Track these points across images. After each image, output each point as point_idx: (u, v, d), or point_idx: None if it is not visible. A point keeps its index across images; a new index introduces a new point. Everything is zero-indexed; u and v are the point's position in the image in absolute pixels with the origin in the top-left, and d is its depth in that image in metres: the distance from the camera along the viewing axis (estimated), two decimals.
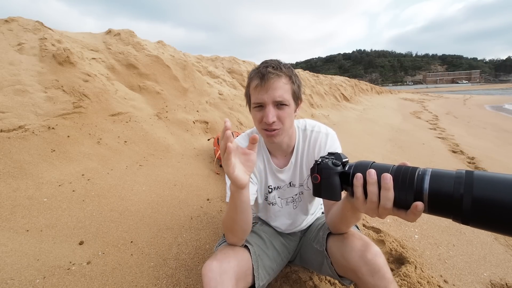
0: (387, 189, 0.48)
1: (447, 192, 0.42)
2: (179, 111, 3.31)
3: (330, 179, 0.58)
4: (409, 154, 3.82)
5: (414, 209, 0.45)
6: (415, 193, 0.45)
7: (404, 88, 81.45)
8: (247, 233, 0.84)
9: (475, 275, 1.37)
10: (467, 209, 0.39)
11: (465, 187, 0.39)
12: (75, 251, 1.27)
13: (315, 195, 0.62)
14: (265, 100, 0.80)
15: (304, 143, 0.95)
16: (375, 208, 0.51)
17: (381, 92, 22.69)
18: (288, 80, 0.82)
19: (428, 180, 0.44)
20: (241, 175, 0.64)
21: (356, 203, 0.55)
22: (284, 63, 0.84)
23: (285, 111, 0.81)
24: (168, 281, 1.18)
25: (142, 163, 2.26)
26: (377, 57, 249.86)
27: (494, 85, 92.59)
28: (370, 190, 0.51)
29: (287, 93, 0.81)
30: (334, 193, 0.58)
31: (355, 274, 0.77)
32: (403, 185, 0.47)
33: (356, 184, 0.53)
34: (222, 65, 6.01)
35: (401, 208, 0.48)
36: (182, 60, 4.04)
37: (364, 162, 0.55)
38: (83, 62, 2.81)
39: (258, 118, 0.83)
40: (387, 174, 0.48)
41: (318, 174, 0.60)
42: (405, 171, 0.47)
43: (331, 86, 10.58)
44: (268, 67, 0.80)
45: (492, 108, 12.74)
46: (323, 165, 0.59)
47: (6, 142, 1.81)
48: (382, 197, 0.49)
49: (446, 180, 0.42)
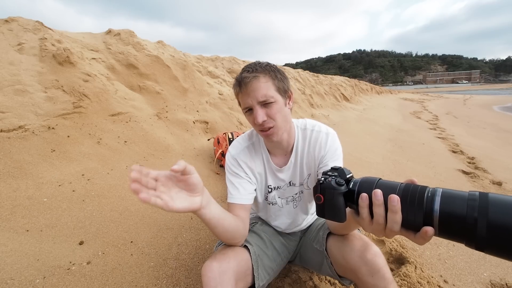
0: (394, 212, 0.45)
1: (459, 215, 0.39)
2: (179, 111, 3.31)
3: (334, 199, 0.54)
4: (409, 154, 3.82)
5: (424, 234, 0.42)
6: (425, 214, 0.42)
7: (404, 88, 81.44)
8: (238, 238, 0.82)
9: (475, 275, 1.37)
10: (482, 234, 0.36)
11: (479, 210, 0.37)
12: (75, 251, 1.28)
13: (318, 215, 0.59)
14: (250, 104, 0.80)
15: (304, 142, 0.95)
16: (381, 229, 0.49)
17: (381, 92, 22.69)
18: (268, 77, 0.81)
19: (438, 201, 0.41)
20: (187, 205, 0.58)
21: (361, 223, 0.53)
22: (262, 63, 0.84)
23: (273, 107, 0.81)
24: (168, 281, 1.18)
25: (142, 163, 2.26)
26: (377, 57, 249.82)
27: (494, 85, 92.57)
28: (377, 212, 0.48)
29: (269, 90, 0.80)
30: (338, 215, 0.55)
31: (355, 274, 0.77)
32: (412, 206, 0.44)
33: (361, 205, 0.51)
34: (222, 65, 6.01)
35: (409, 229, 0.46)
36: (182, 60, 4.04)
37: (369, 180, 0.52)
38: (83, 62, 2.81)
39: (251, 121, 0.84)
40: (394, 196, 0.45)
41: (321, 195, 0.56)
42: (414, 191, 0.45)
43: (331, 86, 10.57)
44: (243, 73, 0.81)
45: (501, 108, 12.41)
46: (326, 185, 0.55)
47: (6, 142, 1.81)
48: (389, 220, 0.47)
49: (458, 202, 0.39)
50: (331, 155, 0.90)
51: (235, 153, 0.95)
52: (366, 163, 3.17)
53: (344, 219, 0.55)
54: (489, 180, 2.77)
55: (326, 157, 0.90)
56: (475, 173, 2.98)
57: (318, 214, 0.59)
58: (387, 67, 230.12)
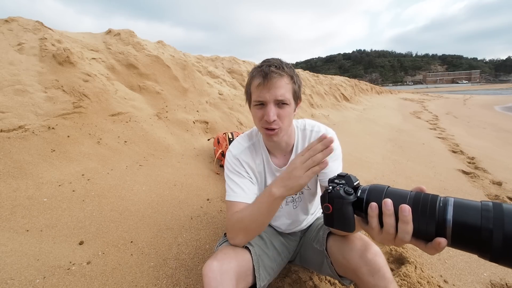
0: (405, 222, 0.45)
1: (474, 226, 0.38)
2: (179, 111, 3.31)
3: (343, 209, 0.53)
4: (409, 154, 3.82)
5: (436, 245, 0.42)
6: (437, 224, 0.42)
7: (404, 88, 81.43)
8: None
9: (475, 275, 1.37)
10: (498, 246, 0.36)
11: (494, 221, 0.36)
12: (75, 251, 1.27)
13: (326, 225, 0.58)
14: (267, 99, 0.80)
15: (303, 142, 0.95)
16: (391, 239, 0.48)
17: (381, 92, 22.69)
18: (290, 80, 0.82)
19: (451, 211, 0.41)
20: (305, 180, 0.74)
21: (370, 233, 0.52)
22: (286, 63, 0.85)
23: (286, 110, 0.82)
24: (168, 281, 1.18)
25: (142, 163, 2.26)
26: (377, 57, 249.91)
27: (494, 85, 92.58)
28: (387, 222, 0.47)
29: (288, 93, 0.81)
30: (347, 224, 0.54)
31: (355, 274, 0.77)
32: (424, 215, 0.43)
33: (371, 215, 0.50)
34: (222, 65, 6.01)
35: (420, 239, 0.45)
36: (182, 60, 4.04)
37: (378, 188, 0.51)
38: (83, 62, 2.81)
39: (259, 116, 0.83)
40: (405, 206, 0.44)
41: (329, 204, 0.55)
42: (425, 200, 0.44)
43: (331, 86, 10.57)
44: (271, 66, 0.80)
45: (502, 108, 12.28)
46: (334, 194, 0.54)
47: (6, 142, 1.81)
48: (399, 230, 0.46)
49: (471, 213, 0.39)
50: (330, 156, 0.90)
51: (237, 153, 0.95)
52: (366, 163, 3.17)
53: (353, 228, 0.54)
54: (489, 180, 2.77)
55: None
56: (475, 173, 2.98)
57: (326, 223, 0.58)
58: (387, 67, 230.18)
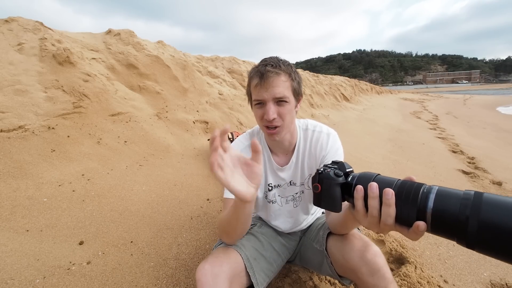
0: (388, 205, 0.46)
1: (452, 213, 0.39)
2: (179, 111, 3.31)
3: (331, 189, 0.56)
4: (409, 154, 3.82)
5: (415, 228, 0.43)
6: (418, 210, 0.43)
7: (404, 88, 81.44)
8: (243, 235, 0.85)
9: (475, 275, 1.37)
10: (473, 232, 0.37)
11: (472, 209, 0.37)
12: (75, 251, 1.28)
13: (315, 205, 0.61)
14: (265, 98, 0.80)
15: (305, 142, 0.95)
16: (376, 222, 0.50)
17: (381, 92, 22.70)
18: (288, 77, 0.82)
19: (433, 198, 0.42)
20: (244, 189, 0.58)
21: (356, 216, 0.54)
22: (283, 60, 0.84)
23: (286, 107, 0.82)
24: (168, 281, 1.18)
25: (142, 163, 2.26)
26: (377, 57, 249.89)
27: (494, 85, 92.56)
28: (371, 204, 0.49)
29: (287, 90, 0.81)
30: (334, 204, 0.57)
31: (355, 274, 0.77)
32: (406, 201, 0.45)
33: (356, 197, 0.52)
34: (222, 65, 6.01)
35: (403, 224, 0.47)
36: (182, 60, 4.04)
37: (367, 174, 0.54)
38: (83, 62, 2.81)
39: (260, 115, 0.84)
40: (389, 190, 0.46)
41: (318, 184, 0.58)
42: (410, 187, 0.45)
43: (331, 86, 10.58)
44: (267, 66, 0.80)
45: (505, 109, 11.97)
46: (324, 175, 0.57)
47: (6, 142, 1.81)
48: (383, 213, 0.48)
49: (452, 200, 0.40)
50: (332, 155, 0.91)
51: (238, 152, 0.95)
52: (366, 163, 3.17)
53: (339, 209, 0.57)
54: (489, 180, 2.77)
55: (327, 157, 0.91)
56: (475, 173, 2.98)
57: (314, 203, 0.61)
58: (387, 67, 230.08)
